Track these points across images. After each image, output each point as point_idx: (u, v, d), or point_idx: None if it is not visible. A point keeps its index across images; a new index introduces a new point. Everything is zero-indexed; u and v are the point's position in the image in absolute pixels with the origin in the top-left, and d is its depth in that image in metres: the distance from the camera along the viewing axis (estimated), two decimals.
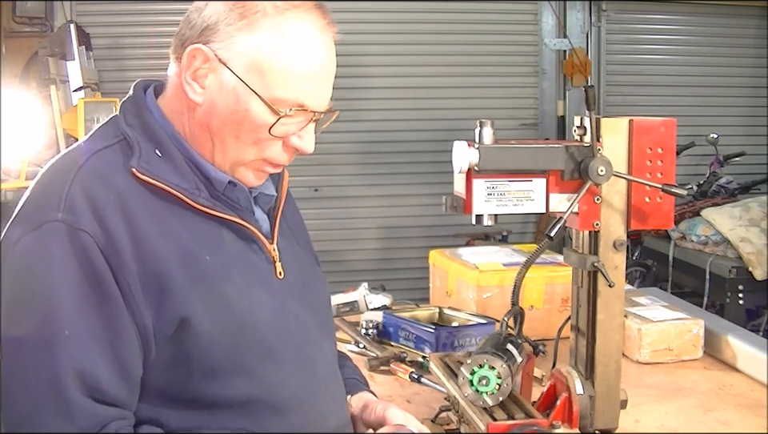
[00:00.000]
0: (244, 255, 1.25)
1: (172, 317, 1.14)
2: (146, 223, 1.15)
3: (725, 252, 4.25)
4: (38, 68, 4.40)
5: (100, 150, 1.20)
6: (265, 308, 1.24)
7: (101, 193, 1.14)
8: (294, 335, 1.27)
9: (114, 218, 1.13)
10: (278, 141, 1.23)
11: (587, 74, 5.47)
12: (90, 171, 1.16)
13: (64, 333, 1.09)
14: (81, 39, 4.38)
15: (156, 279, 1.13)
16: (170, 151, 1.21)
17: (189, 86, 1.21)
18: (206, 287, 1.17)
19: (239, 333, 1.19)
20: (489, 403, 1.39)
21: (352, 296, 2.42)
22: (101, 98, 4.29)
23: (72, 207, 1.12)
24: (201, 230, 1.20)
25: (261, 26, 1.18)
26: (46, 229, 1.11)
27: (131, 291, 1.12)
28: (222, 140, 1.22)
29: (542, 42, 5.60)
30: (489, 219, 1.40)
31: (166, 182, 1.18)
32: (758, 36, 5.77)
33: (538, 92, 5.63)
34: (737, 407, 1.76)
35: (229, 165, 1.24)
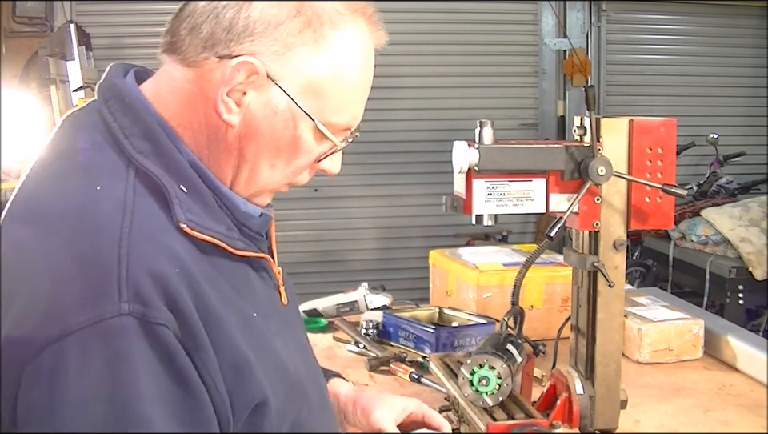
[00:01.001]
0: (265, 293, 1.09)
1: (251, 401, 0.96)
2: (210, 294, 0.93)
3: (725, 252, 4.25)
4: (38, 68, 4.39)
5: (133, 199, 0.93)
6: (296, 354, 1.10)
7: (165, 268, 0.89)
8: (314, 375, 1.16)
9: (185, 298, 0.90)
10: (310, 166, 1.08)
11: (587, 74, 5.47)
12: (141, 237, 0.90)
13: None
14: (81, 39, 4.38)
15: (233, 364, 0.94)
16: (196, 186, 0.99)
17: (224, 104, 0.98)
18: (266, 356, 1.00)
19: (294, 396, 1.05)
20: (489, 403, 1.39)
21: (352, 296, 2.42)
22: None
23: (138, 294, 0.86)
24: (238, 278, 1.02)
25: (328, 39, 1.00)
26: (109, 326, 0.85)
27: (215, 386, 0.92)
28: (254, 167, 1.02)
29: (542, 42, 5.60)
30: (489, 219, 1.40)
31: (212, 233, 0.97)
32: (757, 36, 5.78)
33: (538, 92, 5.64)
34: (737, 407, 1.76)
35: (252, 192, 1.06)
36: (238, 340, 0.95)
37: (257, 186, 1.05)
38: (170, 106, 1.02)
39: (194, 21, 1.00)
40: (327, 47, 1.00)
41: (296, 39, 0.98)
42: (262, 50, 0.97)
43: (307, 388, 1.09)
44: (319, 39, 0.99)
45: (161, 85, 1.04)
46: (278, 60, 0.98)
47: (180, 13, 1.02)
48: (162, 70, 1.04)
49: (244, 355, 0.95)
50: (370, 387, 1.88)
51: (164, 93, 1.03)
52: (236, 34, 0.97)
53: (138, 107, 1.00)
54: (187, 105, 1.01)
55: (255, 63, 0.97)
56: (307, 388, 1.09)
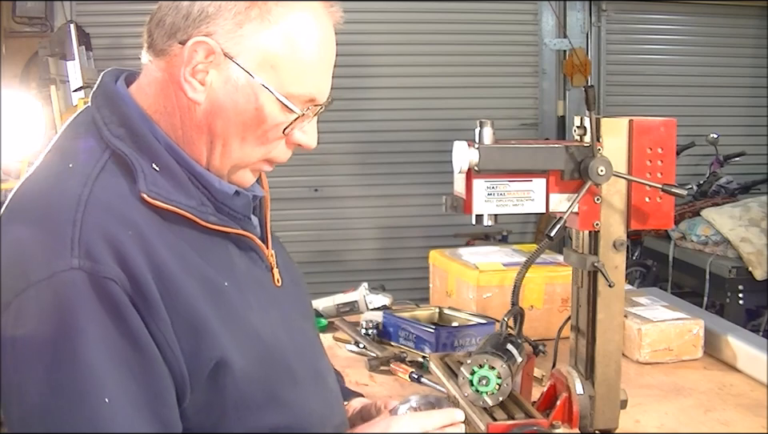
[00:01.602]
0: (249, 270, 1.15)
1: (208, 360, 1.02)
2: (167, 257, 1.01)
3: (725, 252, 4.25)
4: (38, 68, 4.40)
5: (98, 174, 1.03)
6: (282, 329, 1.15)
7: (118, 231, 0.98)
8: (305, 350, 1.21)
9: (138, 259, 0.97)
10: (282, 139, 1.13)
11: (587, 74, 5.47)
12: (98, 204, 0.99)
13: (105, 403, 0.94)
14: (81, 39, 4.38)
15: (189, 323, 1.01)
16: (167, 164, 1.07)
17: (188, 84, 1.07)
18: (233, 320, 1.06)
19: (269, 364, 1.10)
20: (489, 403, 1.38)
21: (352, 296, 2.42)
22: None
23: (90, 252, 0.95)
24: (211, 251, 1.09)
25: (275, 15, 1.06)
26: (62, 280, 0.94)
27: (167, 343, 0.99)
28: (225, 142, 1.10)
29: (541, 42, 5.60)
30: (489, 219, 1.40)
31: (176, 204, 1.05)
32: (758, 36, 5.78)
33: (538, 92, 5.64)
34: (737, 407, 1.76)
35: (229, 168, 1.12)
36: (195, 302, 1.02)
37: (232, 161, 1.12)
38: (149, 96, 1.12)
39: (160, 15, 1.10)
40: (276, 22, 1.07)
41: (243, 17, 1.06)
42: (216, 30, 1.06)
43: (292, 363, 1.14)
44: (265, 15, 1.06)
45: (142, 79, 1.14)
46: (232, 38, 1.06)
47: (153, 15, 1.12)
48: (144, 67, 1.14)
49: (201, 316, 1.02)
50: (370, 387, 1.88)
51: (144, 86, 1.13)
52: (193, 19, 1.06)
53: (118, 100, 1.10)
54: (161, 91, 1.11)
55: (209, 42, 1.05)
56: (292, 363, 1.14)
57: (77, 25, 4.43)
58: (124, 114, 1.09)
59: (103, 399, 0.94)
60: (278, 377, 1.12)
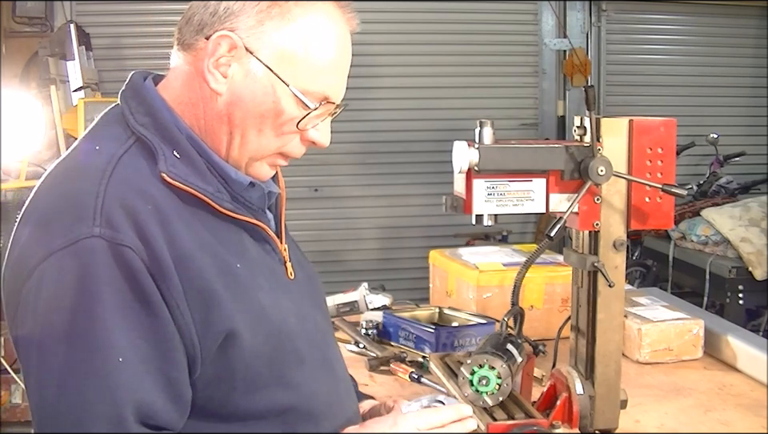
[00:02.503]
0: (263, 258, 1.21)
1: (218, 332, 1.08)
2: (184, 234, 1.08)
3: (725, 252, 4.25)
4: (38, 68, 4.40)
5: (122, 155, 1.11)
6: (291, 314, 1.20)
7: (138, 204, 1.06)
8: (315, 338, 1.25)
9: (155, 230, 1.05)
10: (297, 134, 1.19)
11: (587, 74, 5.47)
12: (121, 180, 1.07)
13: (118, 362, 1.01)
14: (81, 39, 4.38)
15: (201, 294, 1.07)
16: (188, 152, 1.15)
17: (211, 74, 1.14)
18: (243, 298, 1.12)
19: (277, 343, 1.16)
20: (489, 403, 1.39)
21: (352, 296, 2.42)
22: (101, 98, 4.29)
23: (110, 221, 1.03)
24: (226, 236, 1.15)
25: (294, 14, 1.14)
26: (82, 246, 1.01)
27: (179, 310, 1.05)
28: (244, 133, 1.16)
29: (541, 42, 5.60)
30: (489, 219, 1.40)
31: (194, 186, 1.12)
32: (758, 36, 5.77)
33: (538, 92, 5.63)
34: (737, 407, 1.76)
35: (246, 159, 1.19)
36: (209, 275, 1.08)
37: (249, 152, 1.18)
38: (175, 89, 1.19)
39: (190, 14, 1.18)
40: (295, 21, 1.14)
41: (265, 14, 1.14)
42: (239, 26, 1.13)
43: (300, 346, 1.20)
44: (285, 13, 1.14)
45: (169, 75, 1.22)
46: (253, 34, 1.13)
47: (184, 13, 1.20)
48: (172, 62, 1.22)
49: (212, 288, 1.08)
50: (370, 387, 1.88)
51: (171, 80, 1.21)
52: (218, 16, 1.14)
53: (145, 93, 1.18)
54: (187, 83, 1.18)
55: (233, 36, 1.13)
56: (300, 346, 1.20)
57: (77, 25, 4.43)
58: (150, 105, 1.16)
59: (116, 358, 1.01)
60: (285, 358, 1.17)
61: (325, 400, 1.23)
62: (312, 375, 1.21)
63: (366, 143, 5.34)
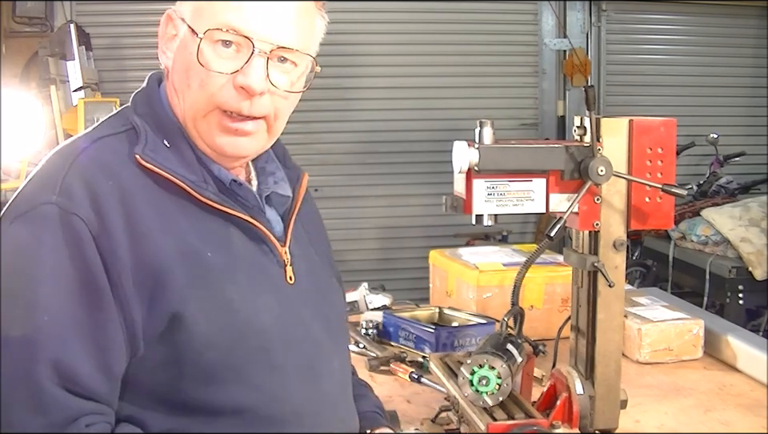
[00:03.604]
0: (253, 256, 1.20)
1: (164, 313, 1.08)
2: (147, 214, 1.10)
3: (725, 252, 4.25)
4: (38, 68, 4.40)
5: (103, 137, 1.16)
6: (271, 314, 1.17)
7: (99, 179, 1.10)
8: (301, 345, 1.21)
9: (112, 206, 1.08)
10: (221, 79, 1.15)
11: (587, 74, 5.46)
12: (90, 157, 1.12)
13: (43, 320, 1.03)
14: (81, 39, 4.37)
15: (151, 273, 1.08)
16: (178, 144, 1.18)
17: (163, 53, 1.21)
18: (205, 286, 1.11)
19: (239, 337, 1.13)
20: (489, 403, 1.38)
21: (352, 296, 2.42)
22: (101, 98, 4.29)
23: (68, 191, 1.08)
24: (207, 227, 1.15)
25: None
26: (37, 212, 1.07)
27: (121, 283, 1.07)
28: (181, 93, 1.19)
29: (541, 42, 5.60)
30: (489, 219, 1.40)
31: (171, 172, 1.14)
32: (758, 36, 5.77)
33: (538, 92, 5.63)
34: (737, 407, 1.76)
35: (191, 121, 1.19)
36: (165, 256, 1.09)
37: (188, 111, 1.19)
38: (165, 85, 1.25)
39: None
40: None
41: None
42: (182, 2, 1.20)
43: (274, 349, 1.16)
44: None
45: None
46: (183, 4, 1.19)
47: None
48: None
49: (166, 268, 1.09)
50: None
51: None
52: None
53: (150, 88, 1.24)
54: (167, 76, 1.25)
55: (170, 12, 1.20)
56: (274, 349, 1.16)
57: (77, 25, 4.43)
58: (151, 96, 1.23)
59: (43, 316, 1.04)
60: (249, 355, 1.14)
61: (293, 409, 1.18)
62: (284, 380, 1.17)
63: (366, 143, 5.34)
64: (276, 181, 1.30)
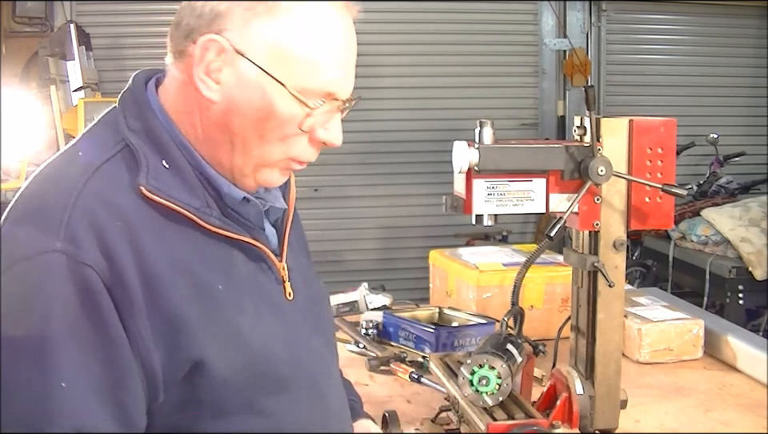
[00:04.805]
0: (254, 277, 1.14)
1: (184, 361, 1.01)
2: (156, 252, 1.01)
3: (725, 252, 4.25)
4: (38, 68, 4.40)
5: (102, 165, 1.05)
6: (278, 339, 1.13)
7: (105, 220, 0.99)
8: (306, 364, 1.18)
9: (122, 249, 0.98)
10: (304, 136, 1.11)
11: (587, 74, 5.47)
12: (92, 193, 1.01)
13: (61, 386, 0.94)
14: (81, 39, 4.38)
15: (167, 319, 1.00)
16: (177, 162, 1.08)
17: (202, 83, 1.07)
18: (219, 323, 1.05)
19: (253, 371, 1.08)
20: (489, 403, 1.38)
21: (352, 296, 2.42)
22: (101, 98, 4.29)
23: (74, 236, 0.97)
24: (211, 253, 1.08)
25: (281, 8, 1.06)
26: (42, 260, 0.96)
27: (140, 335, 0.99)
28: (245, 140, 1.09)
29: (541, 42, 5.60)
30: (489, 219, 1.40)
31: (176, 201, 1.05)
32: (758, 36, 5.77)
33: (538, 92, 5.64)
34: (737, 407, 1.76)
35: (252, 167, 1.11)
36: (180, 300, 1.01)
37: (254, 159, 1.11)
38: (171, 96, 1.13)
39: (178, 18, 1.11)
40: (284, 16, 1.06)
41: (252, 13, 1.06)
42: (227, 27, 1.06)
43: (282, 371, 1.12)
44: (273, 9, 1.06)
45: (165, 81, 1.15)
46: (241, 34, 1.06)
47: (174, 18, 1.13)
48: (167, 70, 1.16)
49: (183, 315, 1.01)
50: (370, 387, 1.88)
51: (167, 86, 1.14)
52: (205, 19, 1.07)
53: (142, 97, 1.13)
54: (181, 92, 1.11)
55: (219, 39, 1.06)
56: (282, 371, 1.12)
57: (77, 25, 4.43)
58: (144, 109, 1.11)
59: (60, 382, 0.94)
60: (261, 384, 1.10)
61: (306, 428, 1.15)
62: (294, 402, 1.14)
63: (366, 143, 5.34)
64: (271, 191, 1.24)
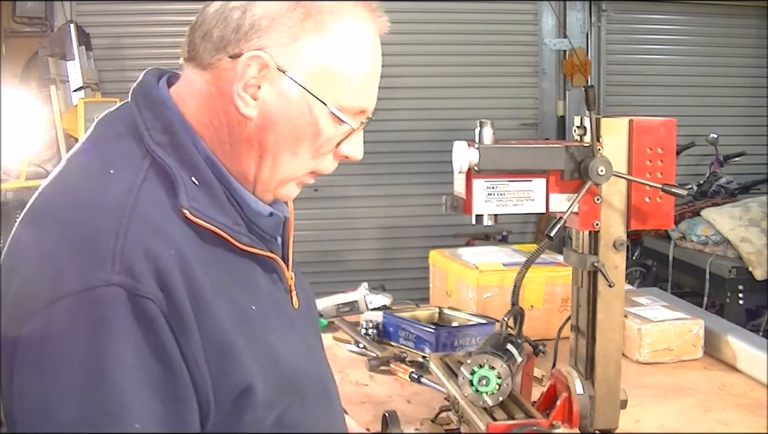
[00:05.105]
0: (270, 290, 1.12)
1: (233, 389, 0.99)
2: (202, 279, 0.97)
3: (725, 252, 4.25)
4: (38, 68, 4.40)
5: (141, 185, 0.99)
6: (297, 352, 1.12)
7: (159, 248, 0.94)
8: (317, 373, 1.18)
9: (176, 279, 0.94)
10: (332, 151, 1.12)
11: (587, 74, 5.47)
12: (142, 219, 0.95)
13: (134, 428, 0.90)
14: (81, 39, 4.38)
15: (218, 347, 0.97)
16: (207, 179, 1.04)
17: (241, 99, 1.03)
18: (258, 345, 1.03)
19: (284, 388, 1.07)
20: (489, 403, 1.38)
21: (352, 296, 2.42)
22: (101, 98, 4.29)
23: (130, 268, 0.91)
24: (240, 272, 1.06)
25: (328, 26, 1.04)
26: (98, 295, 0.89)
27: (197, 365, 0.95)
28: (276, 156, 1.07)
29: (541, 42, 5.60)
30: (489, 219, 1.40)
31: (214, 222, 1.01)
32: (758, 36, 5.77)
33: (538, 92, 5.63)
34: (737, 407, 1.76)
35: (277, 182, 1.10)
36: (226, 326, 0.99)
37: (281, 175, 1.09)
38: (191, 106, 1.08)
39: (205, 28, 1.06)
40: (330, 34, 1.05)
41: (299, 29, 1.03)
42: (269, 44, 1.03)
43: (306, 386, 1.12)
44: (320, 27, 1.04)
45: (182, 88, 1.10)
46: (285, 51, 1.03)
47: (194, 24, 1.09)
48: (184, 76, 1.11)
49: (231, 341, 0.99)
50: (370, 387, 1.88)
51: (185, 95, 1.09)
52: (244, 32, 1.03)
53: (161, 104, 1.07)
54: (206, 104, 1.07)
55: (263, 56, 1.02)
56: (306, 386, 1.12)
57: (77, 25, 4.43)
58: (168, 121, 1.06)
59: (133, 424, 0.90)
60: (289, 400, 1.08)
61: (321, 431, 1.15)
62: (311, 410, 1.13)
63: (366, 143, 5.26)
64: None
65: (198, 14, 1.09)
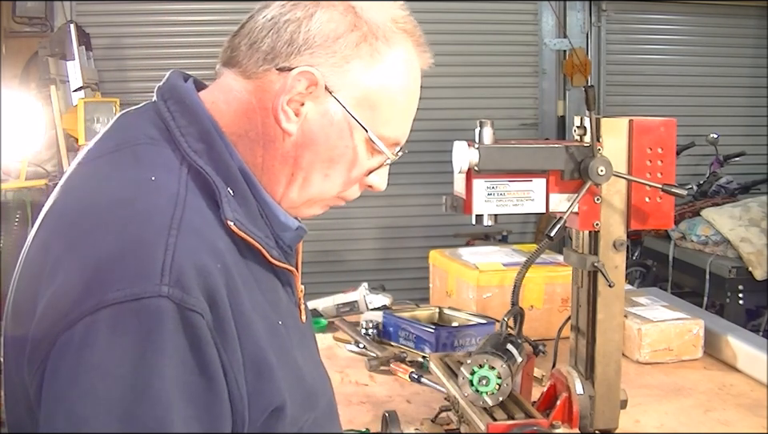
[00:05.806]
0: (288, 305, 1.11)
1: (267, 407, 0.97)
2: (243, 293, 0.95)
3: (725, 252, 4.25)
4: (38, 68, 4.39)
5: (186, 195, 0.96)
6: (311, 365, 1.12)
7: (208, 262, 0.91)
8: (323, 382, 1.17)
9: (222, 294, 0.91)
10: (361, 179, 1.11)
11: (587, 74, 5.47)
12: (191, 231, 0.92)
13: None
14: (81, 39, 4.38)
15: (256, 364, 0.95)
16: (242, 190, 1.02)
17: (284, 113, 1.02)
18: (287, 363, 1.02)
19: (306, 403, 1.06)
20: (489, 403, 1.38)
21: (352, 296, 2.42)
22: (101, 98, 4.30)
23: (180, 280, 0.88)
24: (268, 286, 1.04)
25: (382, 54, 1.04)
26: (146, 305, 0.86)
27: (236, 382, 0.93)
28: (308, 176, 1.06)
29: (541, 42, 5.60)
30: (489, 219, 1.40)
31: (253, 235, 1.00)
32: (758, 36, 5.78)
33: (538, 92, 5.64)
34: (737, 407, 1.76)
35: (304, 202, 1.09)
36: (263, 344, 0.97)
37: (309, 195, 1.08)
38: (225, 114, 1.05)
39: (254, 36, 1.04)
40: (381, 61, 1.05)
41: (353, 52, 1.03)
42: (320, 62, 1.02)
43: (319, 401, 1.11)
44: (374, 54, 1.04)
45: (217, 95, 1.07)
46: (336, 72, 1.02)
47: (240, 30, 1.07)
48: (220, 81, 1.08)
49: (267, 359, 0.97)
50: (370, 387, 1.88)
51: (220, 102, 1.06)
52: (296, 47, 1.01)
53: (196, 110, 1.04)
54: (244, 114, 1.05)
55: (315, 74, 1.01)
56: (319, 401, 1.11)
57: (77, 25, 4.43)
58: (204, 129, 1.03)
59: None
60: (308, 417, 1.07)
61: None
62: (322, 427, 1.12)
63: None
64: None
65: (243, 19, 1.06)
